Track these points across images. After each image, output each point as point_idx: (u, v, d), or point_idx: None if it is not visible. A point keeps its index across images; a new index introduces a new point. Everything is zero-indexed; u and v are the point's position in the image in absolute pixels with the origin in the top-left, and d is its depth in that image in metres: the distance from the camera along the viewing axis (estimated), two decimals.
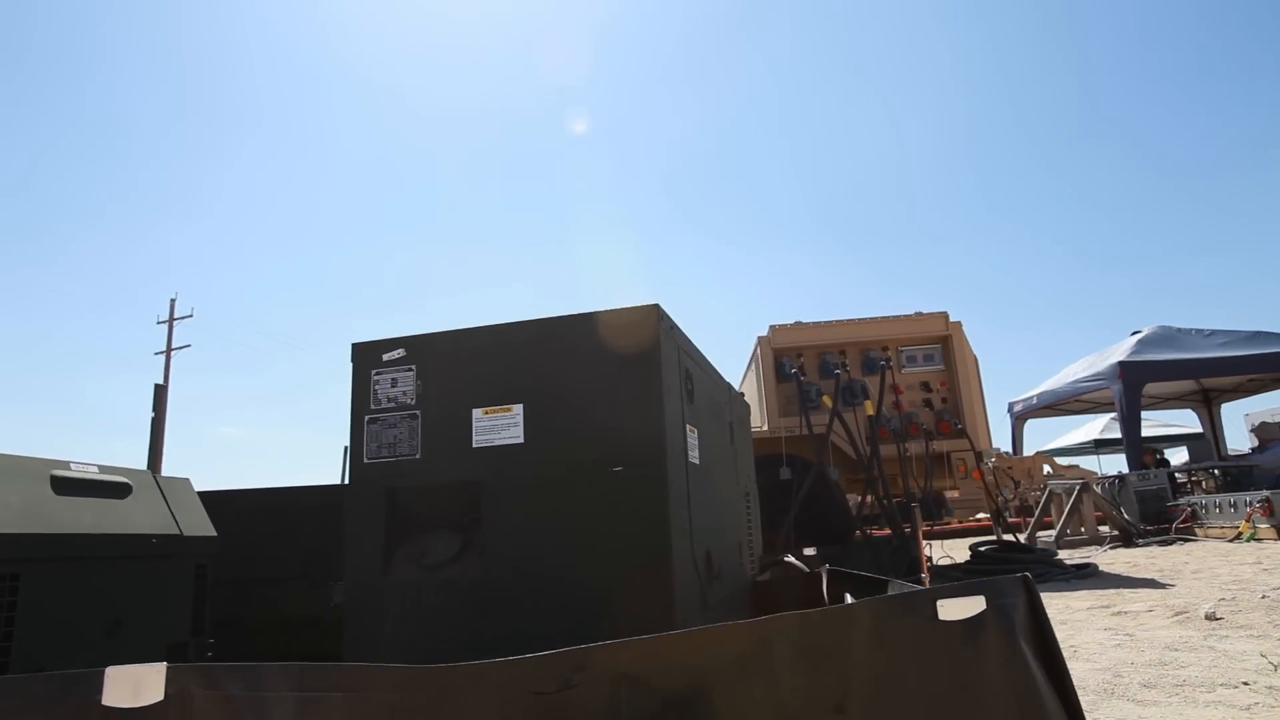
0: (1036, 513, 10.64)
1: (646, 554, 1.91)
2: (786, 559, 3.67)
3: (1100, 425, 20.41)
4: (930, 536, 6.37)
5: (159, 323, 26.43)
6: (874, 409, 6.07)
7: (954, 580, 5.74)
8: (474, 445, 2.06)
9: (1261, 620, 3.10)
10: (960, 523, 10.77)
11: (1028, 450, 14.19)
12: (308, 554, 3.50)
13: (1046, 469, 8.11)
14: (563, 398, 2.06)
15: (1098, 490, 10.06)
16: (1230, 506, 8.87)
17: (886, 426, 6.28)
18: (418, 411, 2.13)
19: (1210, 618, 3.20)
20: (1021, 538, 7.10)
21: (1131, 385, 11.13)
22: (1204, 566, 5.77)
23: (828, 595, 2.42)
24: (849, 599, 2.14)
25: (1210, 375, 13.02)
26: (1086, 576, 5.16)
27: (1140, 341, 11.97)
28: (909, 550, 5.83)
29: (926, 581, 4.41)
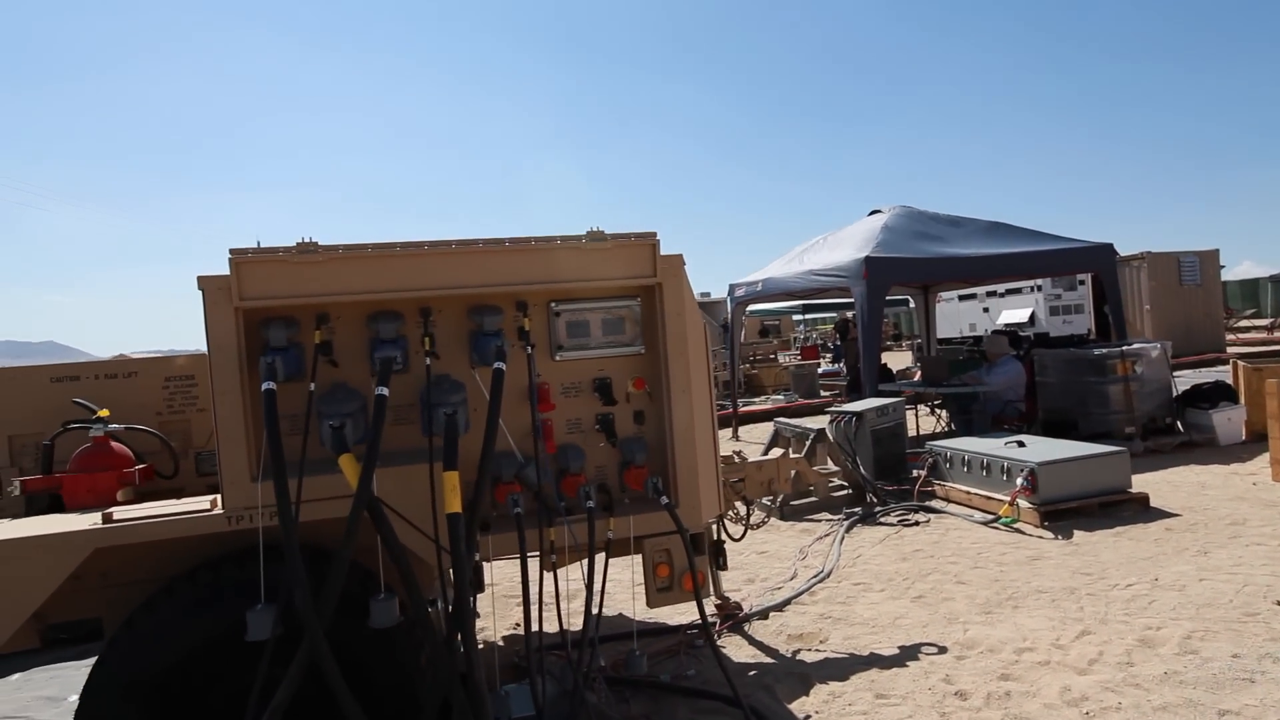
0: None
1: None
2: None
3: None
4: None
5: None
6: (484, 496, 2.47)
7: None
8: None
9: None
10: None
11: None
12: None
13: (793, 472, 5.36)
14: None
15: (830, 437, 7.72)
16: (981, 469, 6.90)
17: (523, 483, 2.82)
18: None
19: None
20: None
21: (877, 287, 8.76)
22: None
23: None
24: None
25: (962, 278, 11.34)
26: None
27: (885, 228, 9.61)
28: None
29: None
